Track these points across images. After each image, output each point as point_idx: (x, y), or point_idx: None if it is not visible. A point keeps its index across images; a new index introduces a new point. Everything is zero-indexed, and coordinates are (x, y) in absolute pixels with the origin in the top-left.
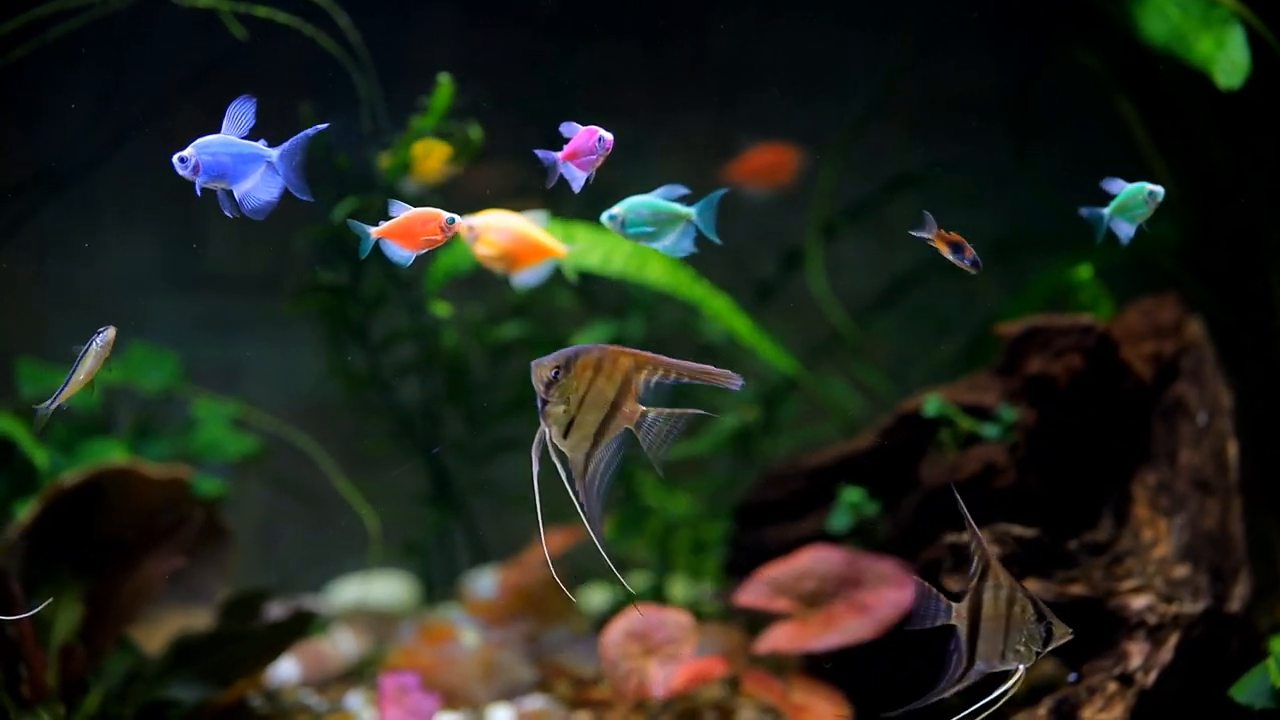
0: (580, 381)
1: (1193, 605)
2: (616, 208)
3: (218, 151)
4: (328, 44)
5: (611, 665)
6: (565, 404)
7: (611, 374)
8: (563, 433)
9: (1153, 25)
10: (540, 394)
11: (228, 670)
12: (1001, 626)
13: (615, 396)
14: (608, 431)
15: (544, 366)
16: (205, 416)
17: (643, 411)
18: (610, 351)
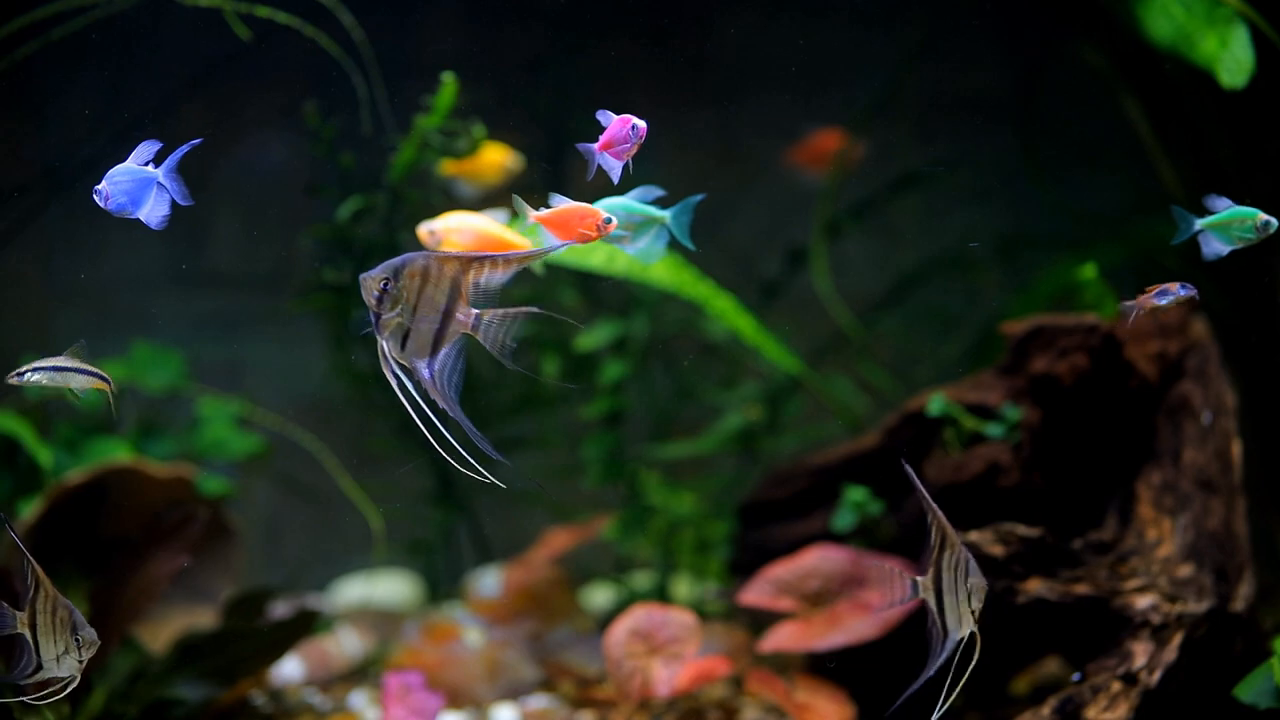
0: (410, 291)
1: (1197, 605)
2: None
3: (120, 181)
4: (330, 44)
5: (615, 664)
6: (398, 315)
7: (440, 281)
8: (400, 344)
9: (1157, 24)
10: (372, 308)
11: (232, 669)
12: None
13: (447, 303)
14: (445, 338)
15: (372, 279)
16: (210, 415)
17: (476, 314)
18: (435, 258)
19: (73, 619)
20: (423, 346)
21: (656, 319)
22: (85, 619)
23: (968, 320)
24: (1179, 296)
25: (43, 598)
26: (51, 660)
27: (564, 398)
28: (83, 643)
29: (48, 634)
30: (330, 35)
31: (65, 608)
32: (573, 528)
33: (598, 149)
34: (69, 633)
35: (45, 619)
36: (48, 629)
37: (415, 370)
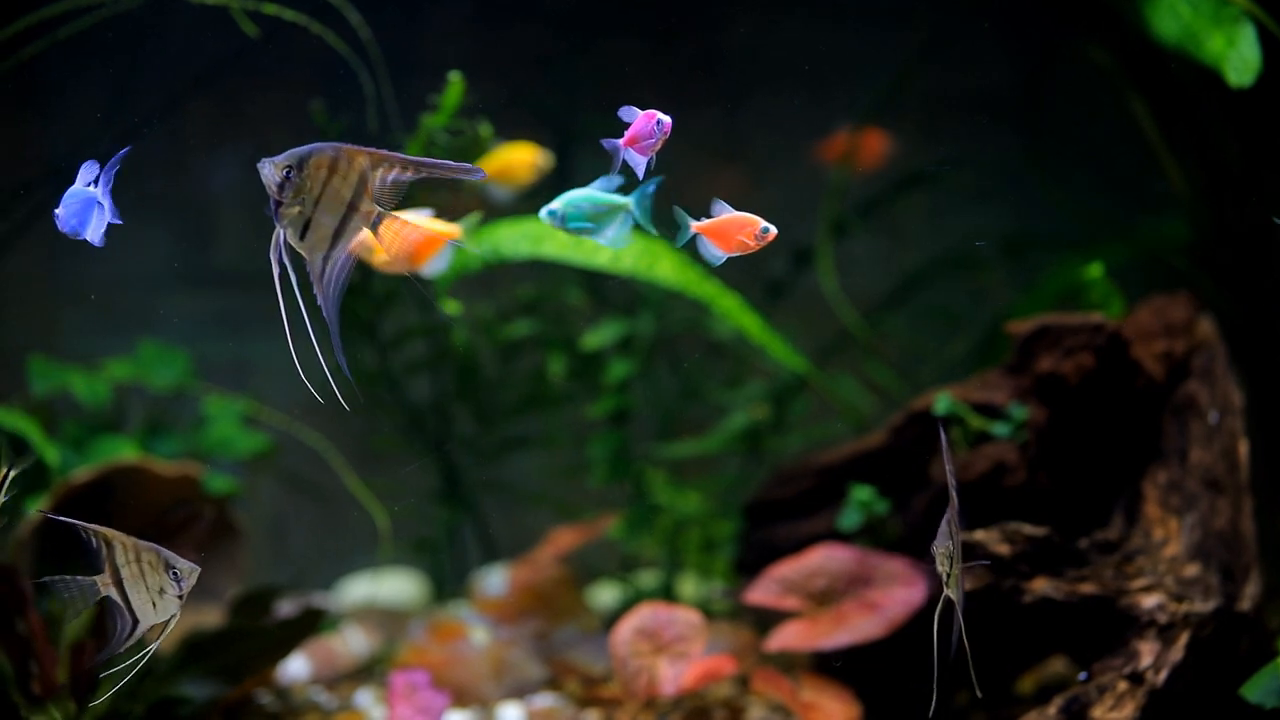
0: (314, 181)
1: (1203, 604)
2: (555, 203)
3: (70, 204)
4: (338, 42)
5: (621, 663)
6: (300, 204)
7: (347, 174)
8: (299, 234)
9: (1163, 23)
10: (273, 195)
11: (238, 667)
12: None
13: (352, 197)
14: (345, 232)
15: (275, 165)
16: (216, 414)
17: (379, 212)
18: (346, 150)
19: (163, 557)
20: (322, 239)
21: (662, 318)
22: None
23: (973, 319)
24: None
25: (120, 551)
26: (147, 607)
27: (569, 396)
28: (181, 574)
29: (138, 583)
30: (337, 33)
31: (150, 550)
32: (578, 526)
33: (623, 144)
34: (162, 571)
35: (131, 570)
36: (136, 578)
37: (308, 262)
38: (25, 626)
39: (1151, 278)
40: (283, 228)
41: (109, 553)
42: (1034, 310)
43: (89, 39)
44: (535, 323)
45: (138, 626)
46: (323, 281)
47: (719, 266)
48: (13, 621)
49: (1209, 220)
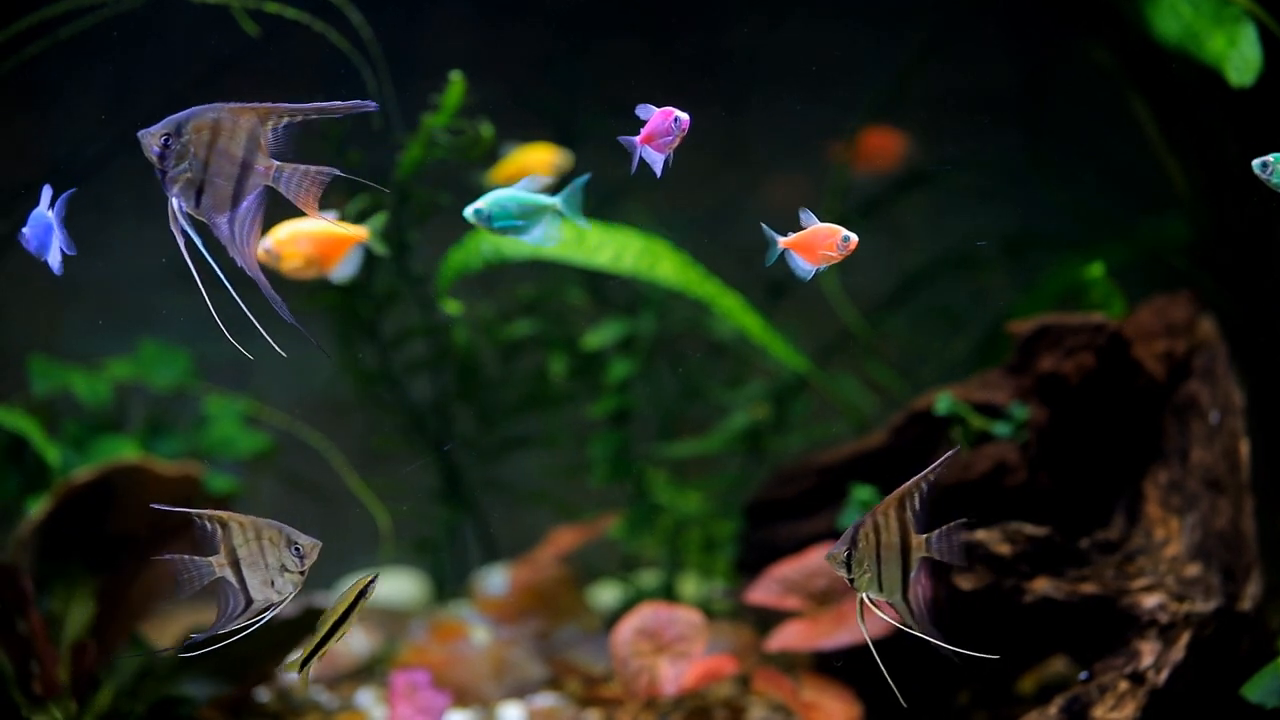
0: (198, 145)
1: (1204, 604)
2: (480, 202)
3: (34, 227)
4: (340, 41)
5: (622, 663)
6: (188, 170)
7: (234, 133)
8: (194, 201)
9: (1165, 23)
10: (155, 165)
11: (239, 667)
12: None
13: (245, 155)
14: (245, 191)
15: (150, 136)
16: (217, 413)
17: (277, 166)
18: (228, 109)
19: (284, 534)
20: (221, 201)
21: (663, 317)
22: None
23: (974, 319)
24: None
25: (237, 531)
26: (265, 586)
27: (570, 396)
28: (304, 550)
29: (256, 563)
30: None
31: (271, 527)
32: (579, 526)
33: (639, 141)
34: (284, 548)
35: (250, 549)
36: (255, 557)
37: (213, 226)
38: (26, 626)
39: (1152, 278)
40: (174, 196)
41: (225, 535)
42: (1035, 310)
43: (90, 39)
44: (536, 322)
45: (251, 605)
46: (234, 242)
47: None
48: (14, 621)
49: (1210, 220)
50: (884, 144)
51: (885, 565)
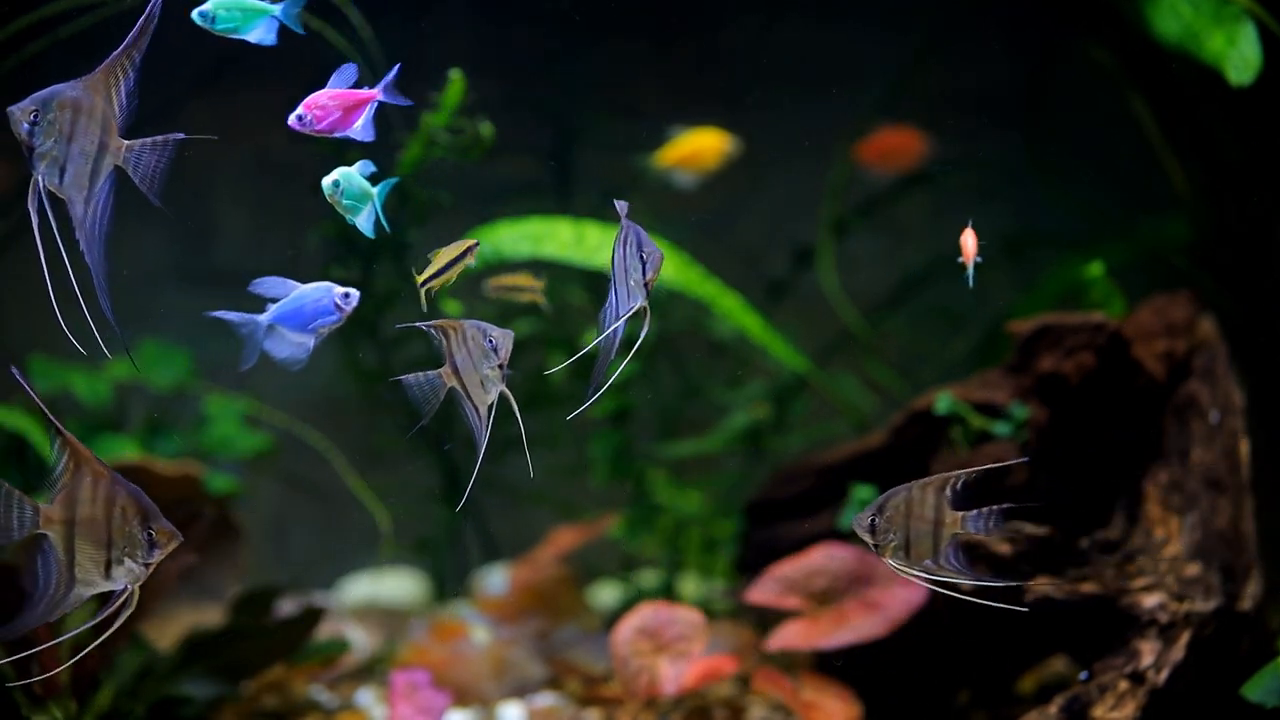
0: (62, 122)
1: (1204, 604)
2: (337, 174)
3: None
4: (339, 40)
5: (622, 662)
6: (54, 147)
7: (93, 112)
8: (58, 178)
9: (1164, 23)
10: (25, 141)
11: (239, 667)
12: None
13: (101, 134)
14: (100, 172)
15: (22, 110)
16: (217, 413)
17: (127, 145)
18: (88, 86)
19: (480, 329)
20: (80, 180)
21: (663, 317)
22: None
23: (974, 319)
24: None
25: (454, 337)
26: (479, 390)
27: (570, 396)
28: (497, 342)
29: (469, 367)
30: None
31: (472, 326)
32: (579, 526)
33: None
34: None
35: (463, 354)
36: (467, 361)
37: (70, 205)
38: None
39: (1152, 277)
40: (40, 173)
41: (447, 343)
42: (1035, 310)
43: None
44: (536, 322)
45: (480, 414)
46: (85, 224)
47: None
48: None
49: (1210, 219)
50: (903, 143)
51: (915, 536)
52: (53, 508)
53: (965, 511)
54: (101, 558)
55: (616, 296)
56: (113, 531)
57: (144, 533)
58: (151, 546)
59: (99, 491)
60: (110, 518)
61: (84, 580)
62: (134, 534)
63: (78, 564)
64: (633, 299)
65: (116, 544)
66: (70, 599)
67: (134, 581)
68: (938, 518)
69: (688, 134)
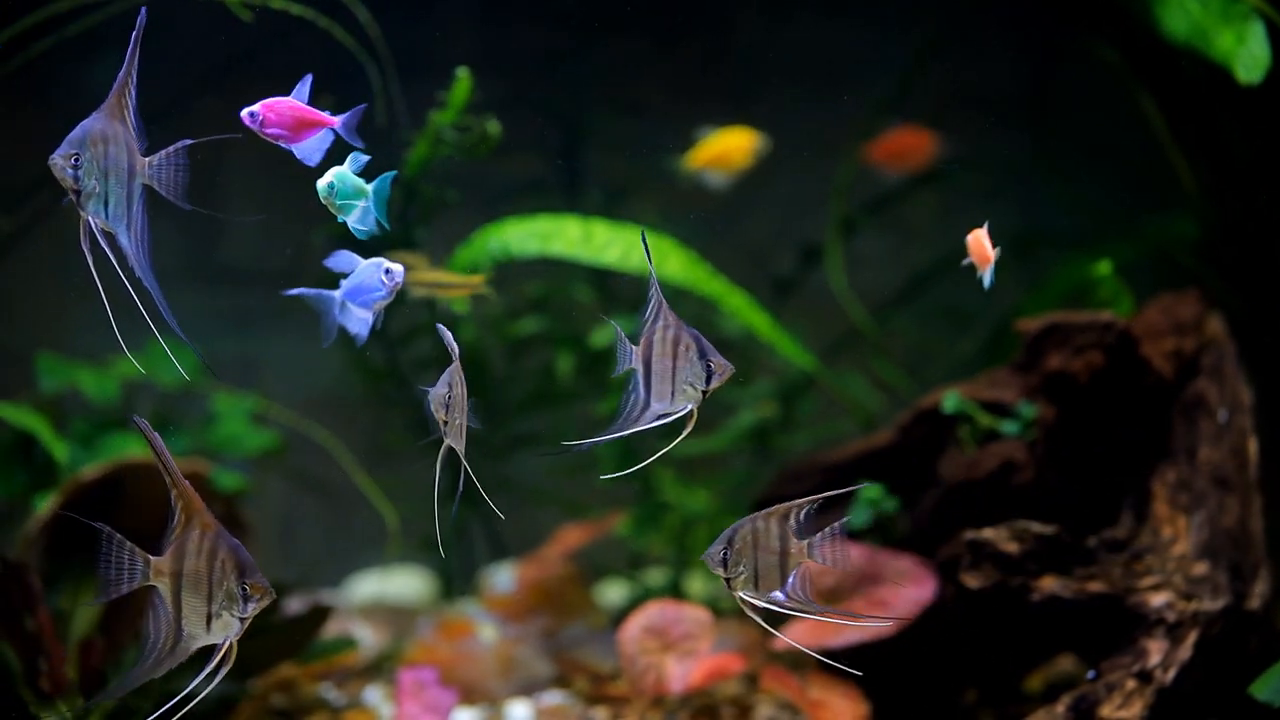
0: (98, 157)
1: (1212, 603)
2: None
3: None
4: (346, 38)
5: (629, 661)
6: (97, 185)
7: (118, 138)
8: (104, 213)
9: (1173, 20)
10: (71, 186)
11: (247, 664)
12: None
13: (130, 159)
14: (134, 195)
15: (63, 157)
16: (225, 411)
17: (149, 162)
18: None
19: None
20: (120, 210)
21: None
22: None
23: (982, 317)
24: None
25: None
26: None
27: (577, 394)
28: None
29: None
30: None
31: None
32: (586, 524)
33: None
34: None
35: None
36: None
37: (117, 238)
38: (34, 623)
39: (1160, 275)
40: (90, 215)
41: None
42: (1043, 308)
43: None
44: (543, 320)
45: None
46: (133, 253)
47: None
48: (22, 618)
49: (1217, 218)
50: (913, 144)
51: (764, 568)
52: (163, 560)
53: (810, 539)
54: (204, 611)
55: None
56: (214, 585)
57: (240, 587)
58: (246, 601)
59: (204, 544)
60: (212, 571)
61: (190, 634)
62: (232, 588)
63: (184, 617)
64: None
65: (217, 597)
66: (177, 652)
67: (232, 636)
68: (783, 548)
69: (716, 134)
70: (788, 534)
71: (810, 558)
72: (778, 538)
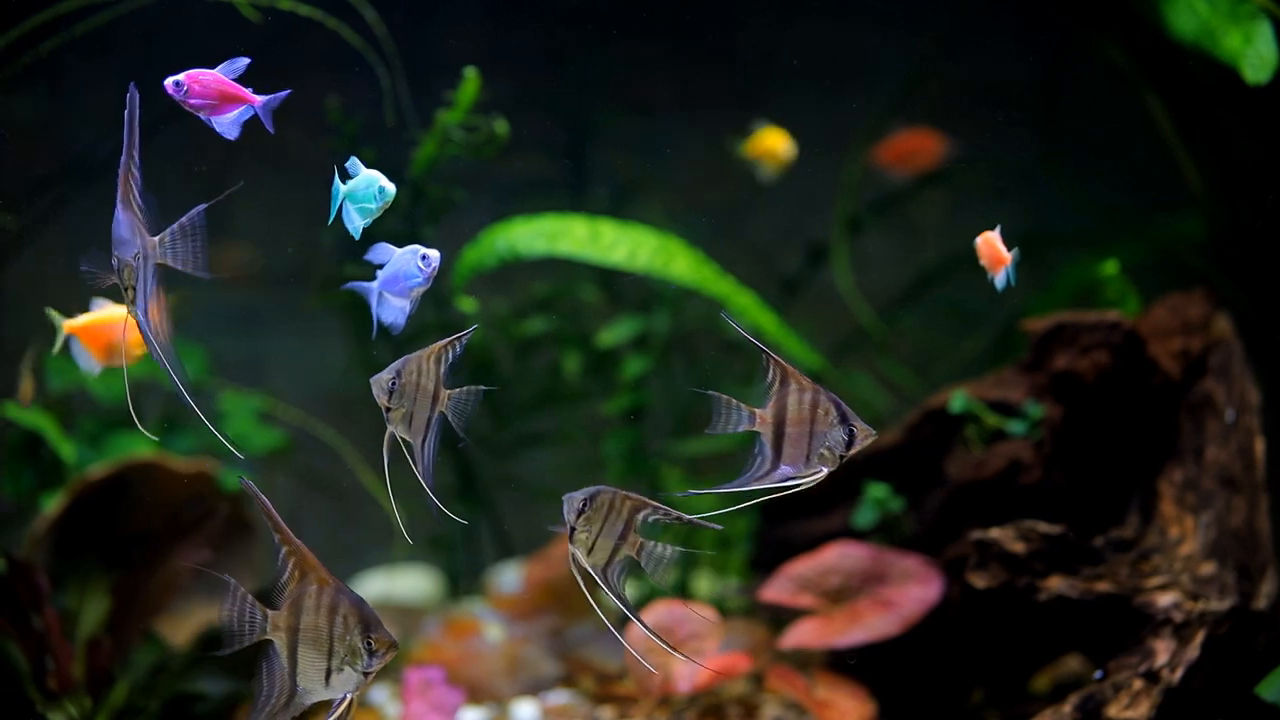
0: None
1: (1219, 603)
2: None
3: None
4: (354, 38)
5: (636, 660)
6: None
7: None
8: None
9: (1181, 20)
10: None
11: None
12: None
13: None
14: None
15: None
16: (232, 410)
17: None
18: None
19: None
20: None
21: (678, 315)
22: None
23: (989, 317)
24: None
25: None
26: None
27: (585, 393)
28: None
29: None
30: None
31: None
32: None
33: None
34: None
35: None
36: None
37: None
38: (41, 622)
39: (1167, 275)
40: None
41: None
42: (1050, 308)
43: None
44: (550, 319)
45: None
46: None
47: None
48: (29, 617)
49: (1225, 217)
50: (921, 145)
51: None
52: (280, 614)
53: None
54: (323, 666)
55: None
56: (334, 640)
57: (365, 641)
58: (371, 655)
59: (323, 600)
60: (333, 626)
61: (306, 689)
62: (355, 643)
63: (301, 671)
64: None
65: (338, 653)
66: (292, 707)
67: (353, 690)
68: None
69: (769, 128)
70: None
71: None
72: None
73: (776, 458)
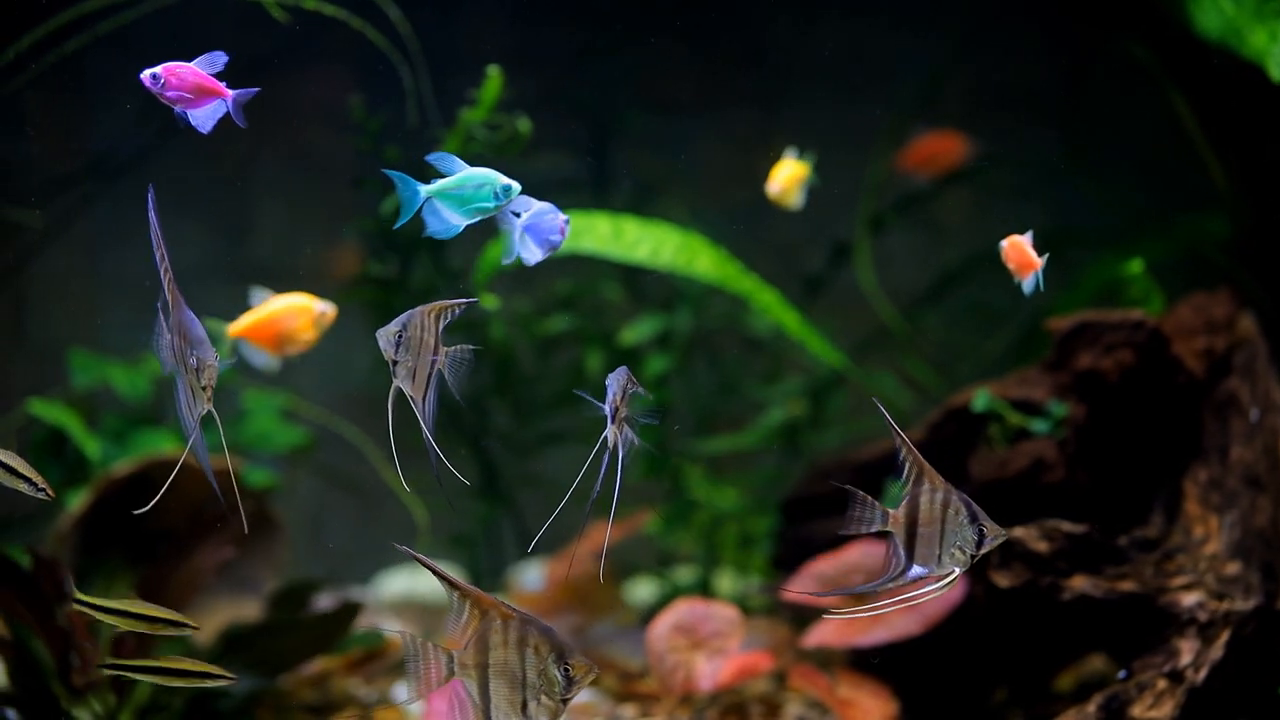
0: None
1: (1244, 602)
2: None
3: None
4: (377, 37)
5: (658, 658)
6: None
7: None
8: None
9: (1206, 18)
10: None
11: (277, 660)
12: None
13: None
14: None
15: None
16: (255, 408)
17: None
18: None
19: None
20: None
21: (700, 313)
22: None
23: (1012, 316)
24: None
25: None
26: (933, 556)
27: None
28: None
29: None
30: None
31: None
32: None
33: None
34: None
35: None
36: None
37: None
38: (66, 618)
39: (1192, 274)
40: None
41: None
42: (1073, 307)
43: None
44: (573, 317)
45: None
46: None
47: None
48: (54, 614)
49: (1250, 216)
50: (945, 148)
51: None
52: (465, 653)
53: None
54: (517, 699)
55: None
56: (527, 671)
57: (560, 669)
58: (569, 683)
59: (510, 633)
60: (524, 658)
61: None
62: (550, 672)
63: (494, 705)
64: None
65: (531, 684)
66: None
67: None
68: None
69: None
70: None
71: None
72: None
73: (909, 558)
